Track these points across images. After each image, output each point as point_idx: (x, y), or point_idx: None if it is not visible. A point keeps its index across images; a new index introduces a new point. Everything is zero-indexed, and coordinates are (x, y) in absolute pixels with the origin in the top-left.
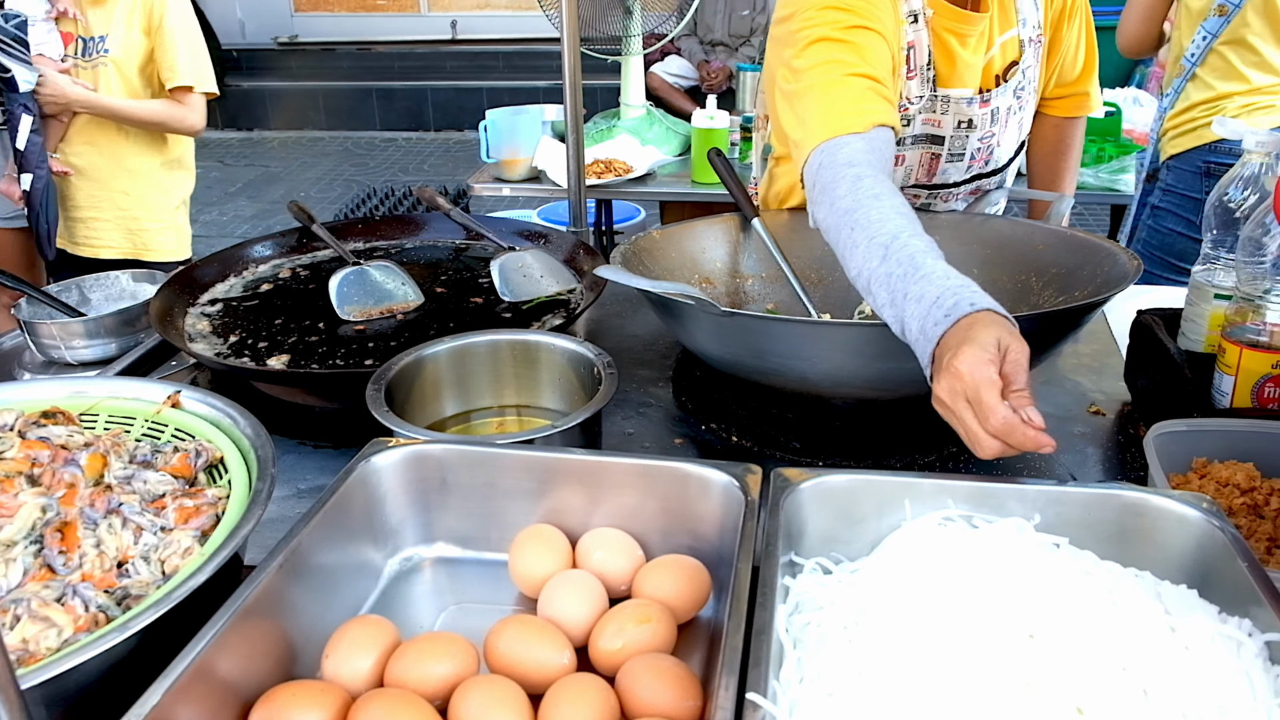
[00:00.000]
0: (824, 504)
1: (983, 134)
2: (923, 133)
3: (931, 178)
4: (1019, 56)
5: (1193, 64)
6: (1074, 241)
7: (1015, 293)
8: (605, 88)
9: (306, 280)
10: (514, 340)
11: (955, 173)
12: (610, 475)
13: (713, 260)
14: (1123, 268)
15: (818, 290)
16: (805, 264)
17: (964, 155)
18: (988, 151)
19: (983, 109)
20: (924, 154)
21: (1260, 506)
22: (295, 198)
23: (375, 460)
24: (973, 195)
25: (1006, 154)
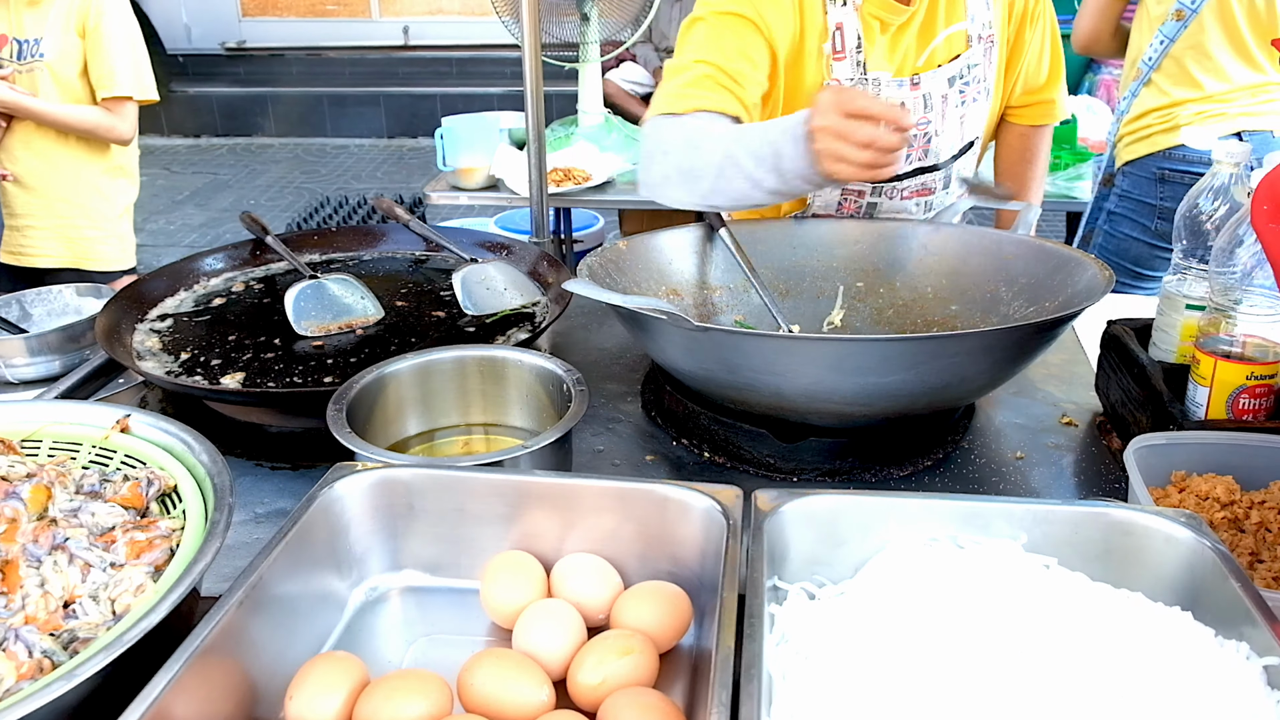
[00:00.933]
0: (807, 526)
1: (917, 119)
2: None
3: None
4: (964, 50)
5: (1149, 69)
6: (1043, 251)
7: (985, 303)
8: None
9: (261, 294)
10: (480, 356)
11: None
12: (585, 498)
13: (680, 271)
14: (1093, 278)
15: (786, 301)
16: (773, 274)
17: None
18: (925, 140)
19: (913, 91)
20: None
21: (1241, 520)
22: (245, 206)
23: (338, 486)
24: (920, 196)
25: (948, 148)
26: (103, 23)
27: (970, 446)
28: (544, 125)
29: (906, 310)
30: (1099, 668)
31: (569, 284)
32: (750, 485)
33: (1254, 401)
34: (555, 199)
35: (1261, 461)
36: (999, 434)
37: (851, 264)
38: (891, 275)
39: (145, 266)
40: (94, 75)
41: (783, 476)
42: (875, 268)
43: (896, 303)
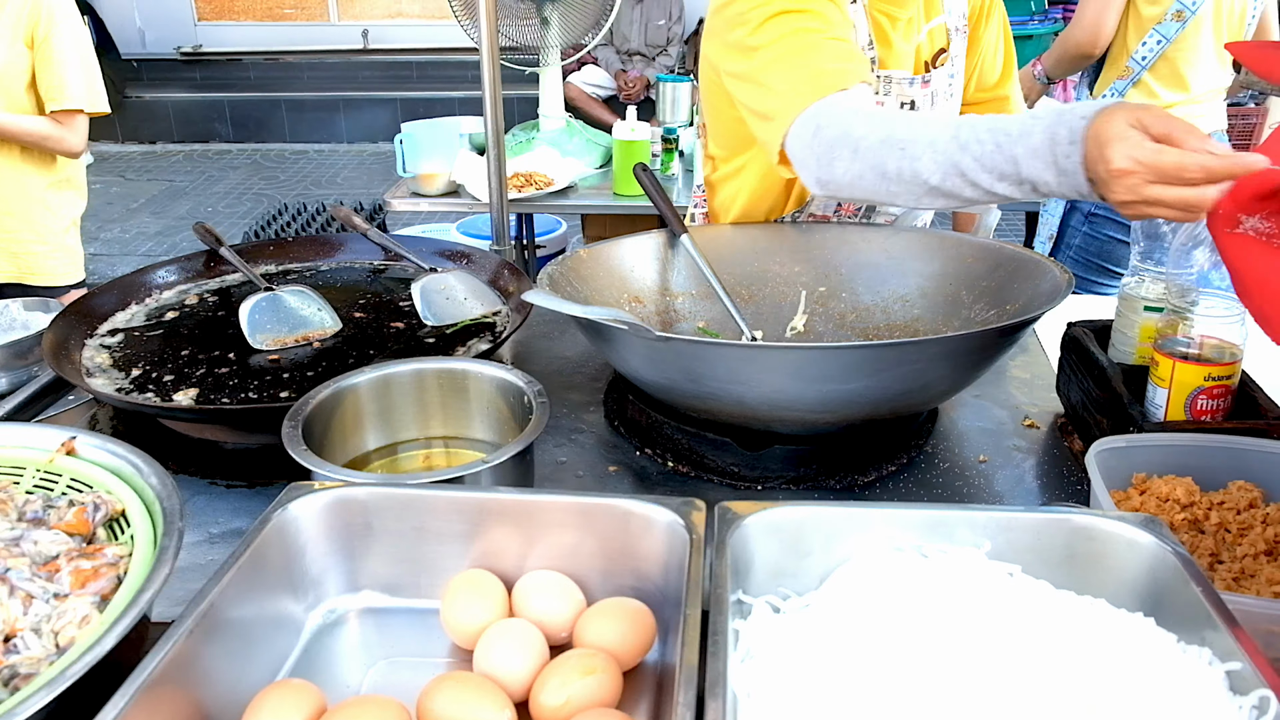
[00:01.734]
0: (771, 538)
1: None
2: None
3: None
4: (947, 44)
5: (1141, 69)
6: (1003, 255)
7: (947, 306)
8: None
9: (215, 307)
10: (440, 369)
11: None
12: (547, 514)
13: (642, 278)
14: (1054, 281)
15: (749, 307)
16: (736, 280)
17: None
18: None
19: (924, 89)
20: None
21: (1201, 521)
22: (202, 214)
23: (293, 507)
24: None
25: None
26: (53, 34)
27: (934, 451)
28: (503, 130)
29: (869, 314)
30: (1064, 677)
31: (528, 295)
32: (714, 495)
33: (1212, 402)
34: (516, 204)
35: (1220, 462)
36: (962, 437)
37: (813, 269)
38: (853, 280)
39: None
40: (44, 87)
41: (747, 485)
42: (837, 272)
43: (859, 307)
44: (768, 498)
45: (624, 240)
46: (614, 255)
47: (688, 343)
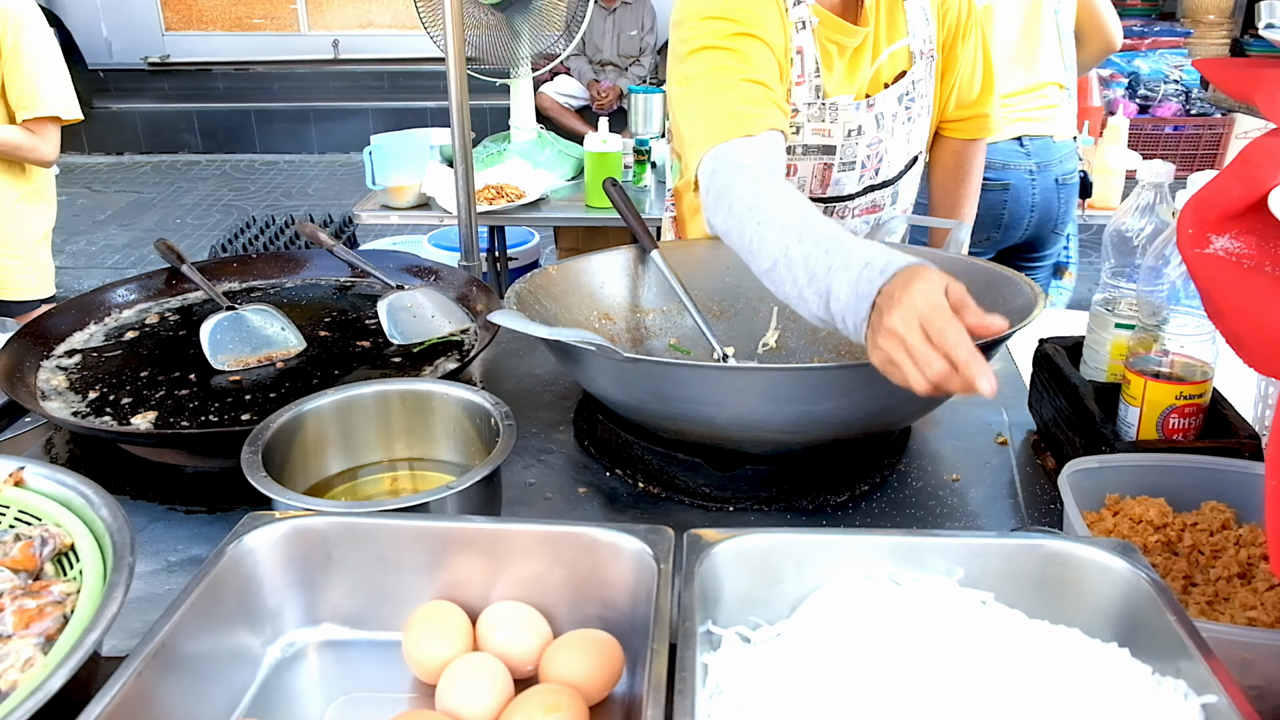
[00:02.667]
0: (741, 566)
1: (870, 140)
2: (814, 143)
3: (825, 189)
4: (909, 66)
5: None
6: (975, 270)
7: None
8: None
9: (176, 326)
10: (404, 390)
11: (849, 183)
12: (512, 543)
13: (611, 295)
14: (1026, 297)
15: (720, 323)
16: (707, 296)
17: (855, 164)
18: (877, 160)
19: (868, 113)
20: (817, 165)
21: (1174, 543)
22: (170, 226)
23: (249, 539)
24: (870, 214)
25: (896, 165)
26: (21, 41)
27: (907, 469)
28: (470, 142)
29: (833, 336)
30: (1037, 710)
31: (495, 316)
32: (685, 516)
33: (1183, 421)
34: (487, 217)
35: (1192, 481)
36: (935, 456)
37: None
38: None
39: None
40: (14, 96)
41: (719, 506)
42: None
43: (822, 329)
44: (739, 519)
45: (593, 256)
46: (583, 271)
47: (656, 364)
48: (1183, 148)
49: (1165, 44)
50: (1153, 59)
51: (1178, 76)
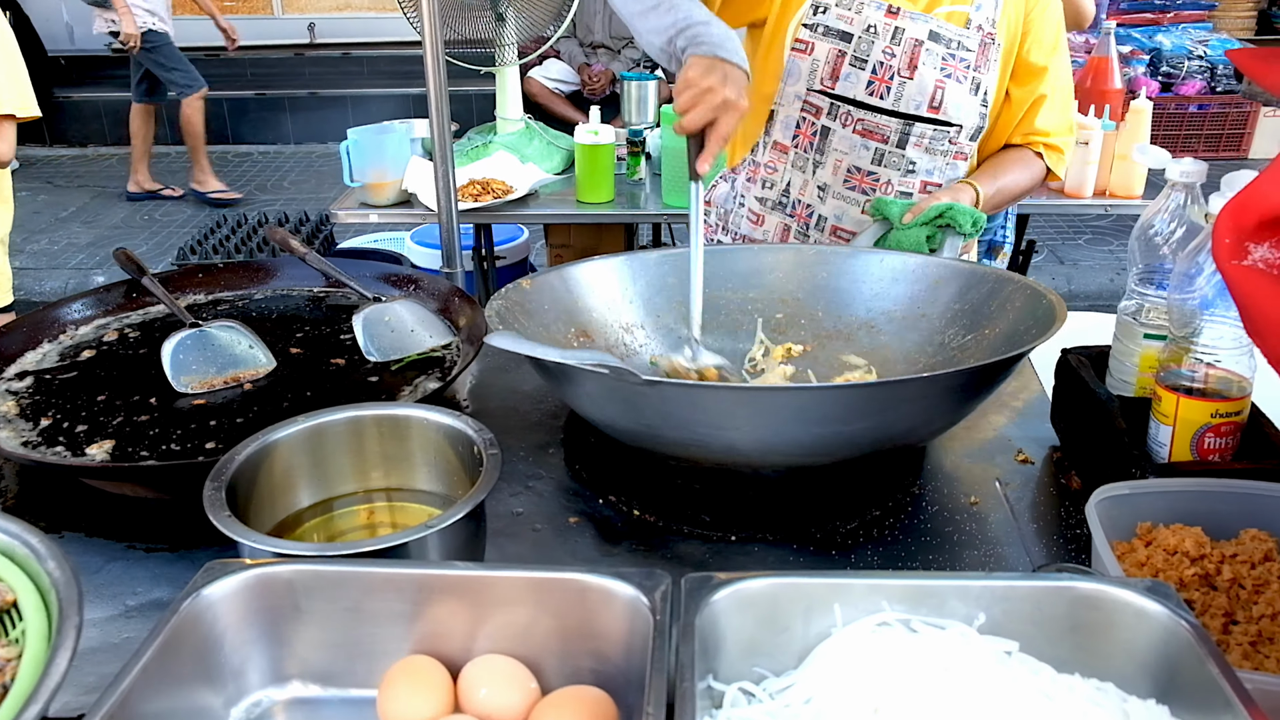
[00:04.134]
0: (743, 613)
1: (884, 48)
2: (835, 27)
3: (835, 81)
4: (960, 26)
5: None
6: (973, 275)
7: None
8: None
9: (136, 344)
10: (379, 416)
11: (856, 83)
12: (496, 591)
13: (588, 310)
14: (1029, 297)
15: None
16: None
17: (866, 63)
18: (887, 76)
19: (888, 19)
20: (831, 50)
21: (1213, 576)
22: (137, 221)
23: (208, 592)
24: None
25: (909, 102)
26: None
27: (921, 492)
28: (451, 136)
29: (831, 342)
30: None
31: (492, 339)
32: (683, 548)
33: (1220, 440)
34: (472, 215)
35: (1230, 508)
36: (950, 477)
37: (769, 294)
38: (812, 306)
39: (25, 293)
40: None
41: (719, 536)
42: (794, 297)
43: (820, 334)
44: (741, 550)
45: (568, 269)
46: (558, 286)
47: (683, 388)
48: (1208, 128)
49: (1188, 18)
50: (1175, 34)
51: (1202, 52)
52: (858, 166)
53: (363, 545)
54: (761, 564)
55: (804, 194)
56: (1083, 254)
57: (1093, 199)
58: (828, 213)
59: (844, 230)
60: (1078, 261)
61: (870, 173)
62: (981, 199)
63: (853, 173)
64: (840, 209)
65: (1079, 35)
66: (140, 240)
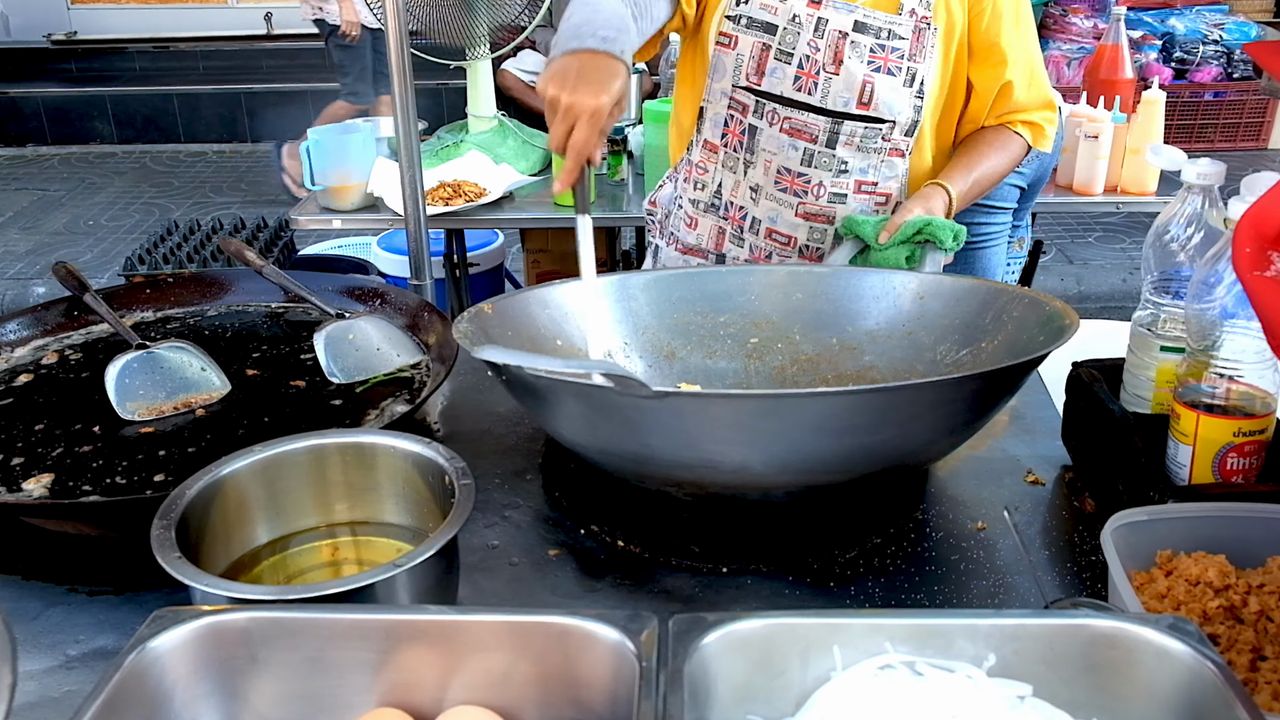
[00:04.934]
0: (735, 656)
1: (809, 40)
2: (759, 18)
3: (761, 77)
4: (892, 12)
5: None
6: (960, 288)
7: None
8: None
9: (78, 367)
10: (342, 444)
11: (783, 78)
12: (470, 636)
13: (552, 338)
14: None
15: (674, 364)
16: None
17: (793, 57)
18: (814, 71)
19: (810, 9)
20: (755, 43)
21: (1238, 608)
22: (81, 227)
23: (157, 644)
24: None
25: (835, 99)
26: None
27: (925, 517)
28: (418, 135)
29: (813, 365)
30: None
31: (481, 352)
32: (671, 581)
33: (1243, 461)
34: (443, 220)
35: (1256, 533)
36: (956, 500)
37: (742, 317)
38: (789, 329)
39: None
40: None
41: (709, 568)
42: (768, 320)
43: (799, 357)
44: (732, 583)
45: (530, 294)
46: (521, 311)
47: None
48: (1224, 117)
49: (1203, 0)
50: (1189, 17)
51: (1217, 36)
52: (787, 167)
53: (325, 587)
54: (755, 597)
55: (736, 195)
56: (1093, 253)
57: (1103, 196)
58: (761, 215)
59: (779, 233)
60: (1088, 261)
61: (800, 174)
62: (955, 200)
63: (783, 174)
64: (774, 211)
65: (1087, 20)
66: (84, 247)
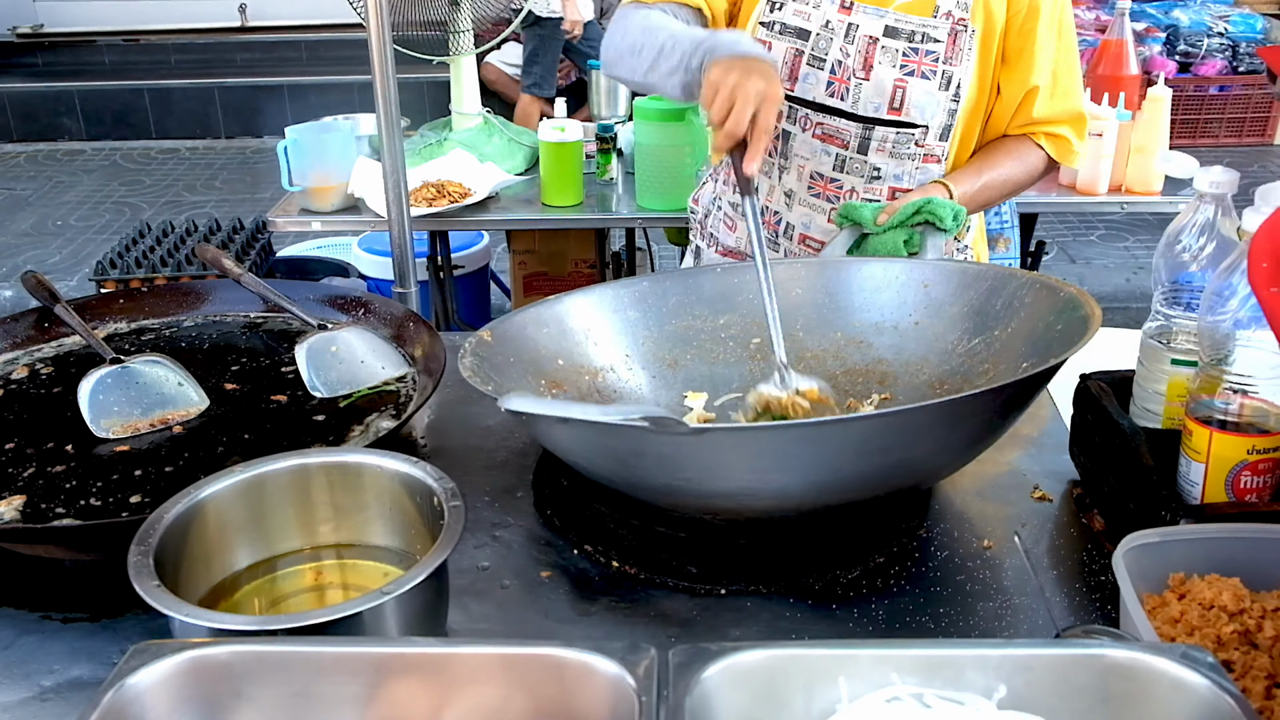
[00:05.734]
0: (738, 688)
1: (840, 46)
2: (792, 24)
3: (794, 82)
4: (927, 15)
5: None
6: (966, 274)
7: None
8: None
9: (49, 382)
10: (326, 464)
11: (816, 84)
12: (461, 669)
13: (553, 358)
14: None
15: (677, 373)
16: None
17: (825, 62)
18: (845, 77)
19: (841, 14)
20: (789, 49)
21: (1253, 633)
22: (49, 228)
23: (136, 680)
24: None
25: (867, 104)
26: None
27: (929, 535)
28: (398, 138)
29: (819, 361)
30: None
31: (506, 402)
32: (669, 604)
33: (1258, 479)
34: (427, 221)
35: (1271, 555)
36: (961, 518)
37: (742, 318)
38: (791, 326)
39: None
40: None
41: (708, 589)
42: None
43: (805, 355)
44: (733, 605)
45: (526, 313)
46: (518, 335)
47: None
48: (1230, 111)
49: None
50: (1193, 9)
51: (1223, 29)
52: (820, 173)
53: (311, 617)
54: (755, 620)
55: (771, 200)
56: (1095, 251)
57: (1108, 196)
58: (795, 220)
59: (812, 239)
60: (1090, 260)
61: (833, 180)
62: (956, 197)
63: (816, 179)
64: (808, 217)
65: (1089, 12)
66: (53, 249)
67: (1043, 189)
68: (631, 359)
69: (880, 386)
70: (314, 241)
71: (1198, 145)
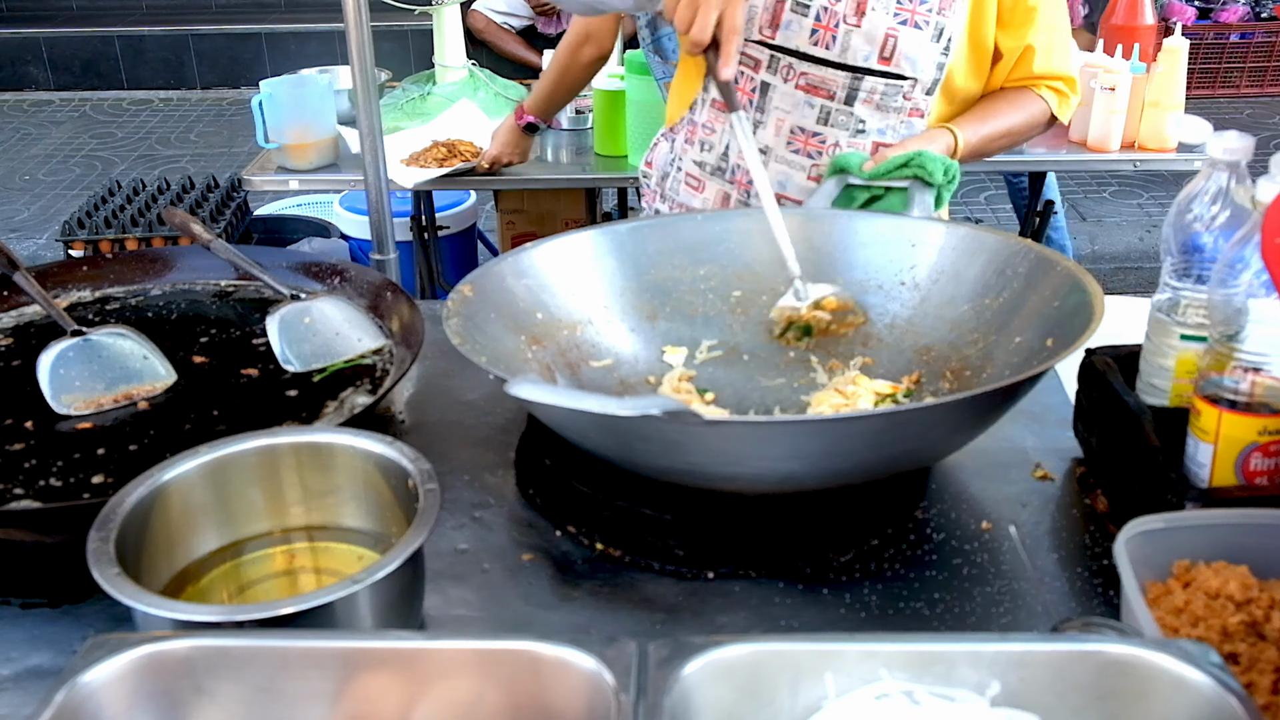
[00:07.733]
0: (720, 684)
1: None
2: None
3: (775, 30)
4: None
5: None
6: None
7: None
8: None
9: (7, 355)
10: (296, 444)
11: (799, 31)
12: (435, 664)
13: (531, 312)
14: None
15: (655, 324)
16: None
17: (810, 9)
18: (833, 24)
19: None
20: None
21: (1260, 624)
22: (16, 182)
23: (91, 677)
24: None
25: (856, 53)
26: None
27: (926, 516)
28: (374, 93)
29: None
30: None
31: (513, 388)
32: (654, 588)
33: (1269, 462)
34: (438, 184)
35: None
36: (959, 498)
37: (722, 269)
38: (771, 278)
39: None
40: None
41: (694, 573)
42: (749, 270)
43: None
44: (719, 588)
45: (504, 262)
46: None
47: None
48: (1251, 60)
49: None
50: None
51: None
52: (801, 127)
53: (279, 607)
54: (743, 605)
55: (744, 157)
56: (1107, 209)
57: (1120, 153)
58: (770, 178)
59: (789, 199)
60: (1102, 218)
61: (815, 133)
62: (961, 144)
63: (796, 133)
64: (785, 174)
65: None
66: (20, 205)
67: (1052, 145)
68: (610, 311)
69: (864, 349)
70: (293, 199)
71: (1216, 95)
